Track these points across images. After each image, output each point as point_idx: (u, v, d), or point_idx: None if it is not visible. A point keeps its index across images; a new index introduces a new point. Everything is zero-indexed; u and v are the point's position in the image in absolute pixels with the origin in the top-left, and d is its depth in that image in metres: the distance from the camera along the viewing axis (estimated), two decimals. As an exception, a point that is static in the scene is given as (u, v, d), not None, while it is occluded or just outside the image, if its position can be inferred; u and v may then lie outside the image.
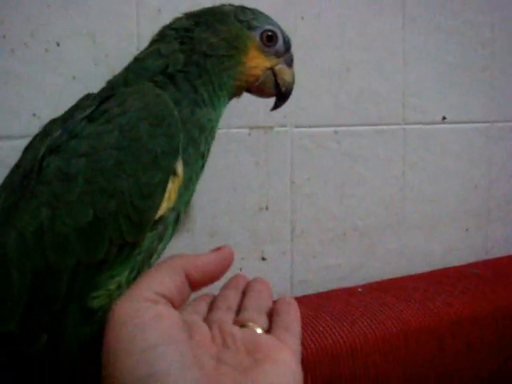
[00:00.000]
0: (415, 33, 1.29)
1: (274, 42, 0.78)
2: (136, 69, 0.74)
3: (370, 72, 1.23)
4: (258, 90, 0.80)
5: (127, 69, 0.75)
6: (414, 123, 1.30)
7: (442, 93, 1.33)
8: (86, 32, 0.95)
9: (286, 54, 0.80)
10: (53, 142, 0.65)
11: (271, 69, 0.79)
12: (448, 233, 1.38)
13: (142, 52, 0.77)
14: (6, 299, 0.61)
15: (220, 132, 1.02)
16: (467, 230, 1.41)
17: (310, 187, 1.17)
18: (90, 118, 0.65)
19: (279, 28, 0.79)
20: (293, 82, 0.81)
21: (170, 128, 0.66)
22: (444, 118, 1.34)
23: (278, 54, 0.79)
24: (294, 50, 1.11)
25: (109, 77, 0.93)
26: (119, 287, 0.67)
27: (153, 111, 0.66)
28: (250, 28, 0.76)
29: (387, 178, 1.27)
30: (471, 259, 1.39)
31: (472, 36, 1.38)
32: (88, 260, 0.63)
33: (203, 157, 0.75)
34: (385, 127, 1.25)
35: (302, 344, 0.91)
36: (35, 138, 0.74)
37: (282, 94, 0.81)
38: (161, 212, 0.67)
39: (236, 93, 0.79)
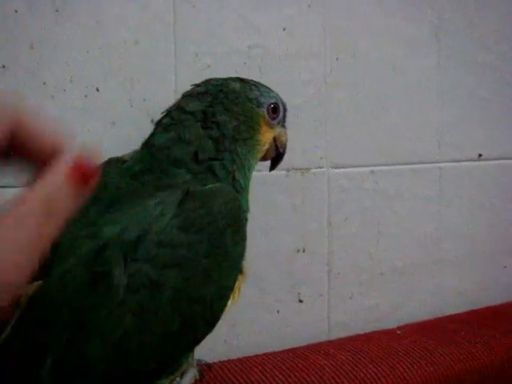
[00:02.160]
0: (450, 69, 1.28)
1: (278, 112, 0.81)
2: (164, 158, 0.73)
3: (406, 110, 1.23)
4: (261, 158, 0.83)
5: (151, 155, 0.74)
6: (450, 161, 1.28)
7: (477, 129, 1.32)
8: (124, 77, 0.96)
9: (283, 117, 0.84)
10: (128, 249, 0.62)
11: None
12: (486, 271, 1.36)
13: (158, 136, 0.75)
14: None
15: (257, 174, 1.02)
16: (505, 267, 1.39)
17: (347, 228, 1.16)
18: (180, 226, 0.65)
19: (278, 97, 0.82)
20: (287, 141, 0.86)
21: (244, 231, 0.70)
22: (480, 155, 1.32)
23: (278, 121, 0.82)
24: (330, 90, 1.12)
25: (147, 121, 0.95)
26: (181, 371, 0.72)
27: (235, 218, 0.68)
28: (259, 105, 0.79)
29: (424, 217, 1.26)
30: (511, 297, 1.36)
31: (507, 70, 1.37)
32: (166, 362, 0.65)
33: None
34: (421, 166, 1.24)
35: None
36: None
37: (279, 154, 0.86)
38: (227, 309, 0.69)
39: None
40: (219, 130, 0.74)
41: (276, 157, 0.86)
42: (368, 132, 1.18)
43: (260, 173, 1.04)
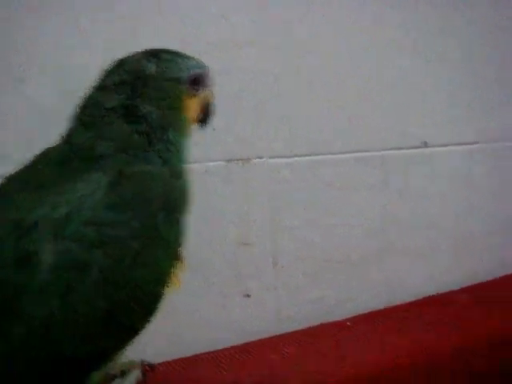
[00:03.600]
0: (390, 56, 1.27)
1: (200, 81, 0.78)
2: (87, 155, 0.69)
3: (345, 98, 1.21)
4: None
5: (74, 153, 0.70)
6: (395, 149, 1.27)
7: (421, 116, 1.31)
8: (52, 67, 0.91)
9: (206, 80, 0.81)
10: (58, 227, 0.60)
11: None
12: (435, 258, 1.35)
13: (77, 134, 0.72)
14: None
15: (196, 165, 0.99)
16: (454, 254, 1.38)
17: (291, 219, 1.13)
18: (110, 205, 0.63)
19: (199, 64, 0.79)
20: (214, 100, 0.82)
21: (182, 215, 0.68)
22: (425, 142, 1.31)
23: (201, 87, 0.79)
24: (268, 78, 1.09)
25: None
26: (114, 365, 0.71)
27: (169, 201, 0.67)
28: (179, 82, 0.75)
29: (370, 206, 1.24)
30: (461, 284, 1.35)
31: (446, 56, 1.37)
32: (98, 349, 0.62)
33: None
34: (364, 154, 1.22)
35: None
36: None
37: (208, 114, 0.83)
38: (164, 297, 0.67)
39: None
40: (146, 123, 0.71)
41: (207, 116, 0.83)
42: (307, 121, 1.15)
43: (199, 164, 1.01)
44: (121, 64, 0.74)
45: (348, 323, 1.12)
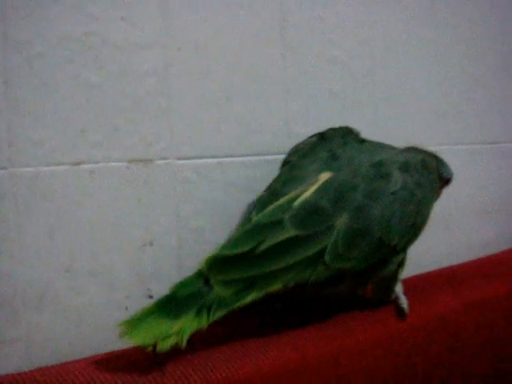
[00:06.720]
0: (296, 62, 1.30)
1: (447, 184, 1.19)
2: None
3: (252, 102, 1.23)
4: None
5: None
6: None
7: (325, 121, 1.34)
8: None
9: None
10: (400, 164, 1.07)
11: None
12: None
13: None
14: (366, 249, 0.96)
15: (95, 166, 0.99)
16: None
17: (197, 221, 1.14)
18: (423, 166, 1.11)
19: (452, 173, 1.18)
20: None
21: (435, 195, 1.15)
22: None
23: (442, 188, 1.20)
24: (173, 80, 1.10)
25: None
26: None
27: (436, 182, 1.14)
28: (441, 178, 1.16)
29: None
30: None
31: (354, 65, 1.40)
32: (399, 246, 1.03)
33: None
34: (271, 157, 1.24)
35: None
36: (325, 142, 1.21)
37: None
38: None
39: None
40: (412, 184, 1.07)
41: None
42: (214, 123, 1.17)
43: (98, 165, 1.01)
44: (413, 148, 1.19)
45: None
